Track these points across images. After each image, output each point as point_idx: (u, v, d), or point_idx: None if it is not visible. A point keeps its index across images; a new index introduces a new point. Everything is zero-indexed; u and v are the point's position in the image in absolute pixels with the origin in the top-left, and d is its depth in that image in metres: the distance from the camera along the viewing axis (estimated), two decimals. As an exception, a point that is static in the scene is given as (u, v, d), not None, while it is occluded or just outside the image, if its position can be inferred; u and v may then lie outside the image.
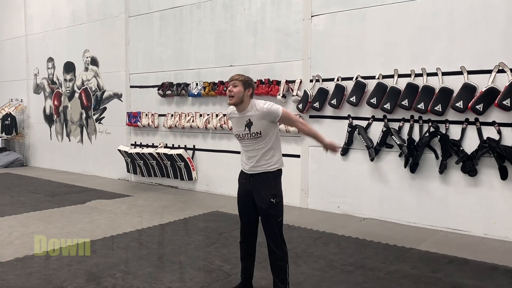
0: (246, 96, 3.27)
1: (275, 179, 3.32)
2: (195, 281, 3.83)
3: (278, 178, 3.34)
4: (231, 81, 3.29)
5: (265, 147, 3.28)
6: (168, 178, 8.39)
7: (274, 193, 3.26)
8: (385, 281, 3.85)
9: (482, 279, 3.91)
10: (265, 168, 3.29)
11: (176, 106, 8.31)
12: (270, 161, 3.29)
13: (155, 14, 8.56)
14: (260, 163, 3.29)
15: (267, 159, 3.29)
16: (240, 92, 3.24)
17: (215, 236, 5.17)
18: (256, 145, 3.29)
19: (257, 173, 3.30)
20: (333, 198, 6.41)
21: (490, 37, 5.10)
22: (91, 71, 10.00)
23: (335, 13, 6.26)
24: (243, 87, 3.25)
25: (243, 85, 3.26)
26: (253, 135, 3.27)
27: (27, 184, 8.81)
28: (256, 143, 3.28)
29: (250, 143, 3.31)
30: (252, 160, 3.31)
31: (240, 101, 3.26)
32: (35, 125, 11.77)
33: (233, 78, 3.30)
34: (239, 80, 3.26)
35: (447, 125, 5.37)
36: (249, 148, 3.33)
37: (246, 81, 3.29)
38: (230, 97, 3.28)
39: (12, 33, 12.14)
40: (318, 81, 6.44)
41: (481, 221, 5.22)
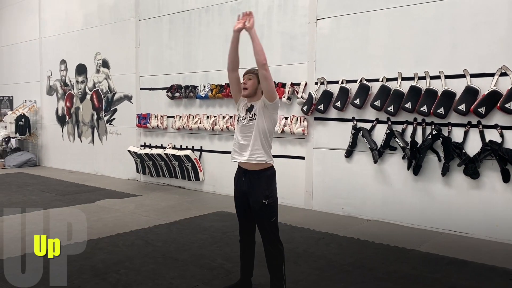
0: (259, 89, 3.41)
1: (269, 180, 3.40)
2: (196, 277, 3.94)
3: (272, 179, 3.42)
4: (246, 74, 3.44)
5: (256, 135, 3.35)
6: (176, 179, 8.53)
7: (267, 194, 3.34)
8: (383, 281, 3.91)
9: (480, 280, 3.95)
10: (259, 160, 3.36)
11: (184, 108, 8.45)
12: (260, 152, 3.36)
13: (164, 18, 8.72)
14: (254, 151, 3.36)
15: (256, 149, 3.36)
16: (254, 84, 3.40)
17: (218, 235, 5.27)
18: (250, 128, 3.37)
19: (252, 170, 3.39)
20: (337, 200, 6.47)
21: (493, 40, 5.13)
22: (102, 73, 10.20)
23: (340, 17, 6.33)
24: (257, 80, 3.39)
25: (257, 78, 3.39)
26: (250, 117, 3.39)
27: (39, 184, 9.03)
28: (250, 126, 3.37)
29: (246, 126, 3.40)
30: (244, 149, 3.39)
31: (253, 93, 3.41)
32: (47, 126, 12.04)
33: (248, 72, 3.45)
34: (254, 73, 3.41)
35: (449, 127, 5.40)
36: (243, 134, 3.41)
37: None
38: (244, 89, 3.42)
39: (27, 36, 12.44)
40: (323, 84, 6.51)
41: (483, 223, 5.23)
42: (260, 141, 3.37)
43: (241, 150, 3.43)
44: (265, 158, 3.38)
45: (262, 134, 3.38)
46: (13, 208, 6.65)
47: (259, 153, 3.37)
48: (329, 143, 6.54)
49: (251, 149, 3.37)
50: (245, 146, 3.40)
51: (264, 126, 3.38)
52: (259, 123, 3.37)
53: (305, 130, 6.65)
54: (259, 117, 3.37)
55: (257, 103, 3.41)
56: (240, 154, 3.44)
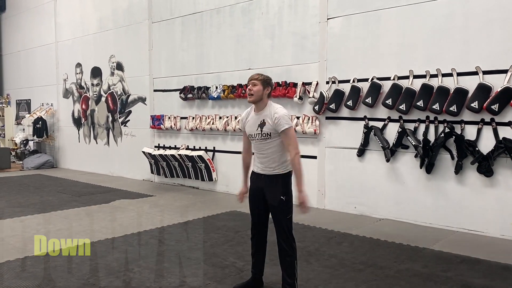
0: (264, 95, 3.44)
1: (285, 180, 3.44)
2: (208, 276, 3.99)
3: (288, 179, 3.46)
4: (251, 80, 3.47)
5: (274, 151, 3.40)
6: (190, 179, 8.62)
7: (284, 191, 3.40)
8: (394, 279, 3.90)
9: (493, 278, 3.91)
10: (277, 171, 3.42)
11: (197, 109, 8.53)
12: (281, 165, 3.42)
13: (176, 20, 8.82)
14: (272, 166, 3.42)
15: (277, 163, 3.41)
16: (260, 90, 3.42)
17: (231, 235, 5.32)
18: (267, 145, 3.41)
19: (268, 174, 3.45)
20: (349, 199, 6.47)
21: (505, 37, 5.07)
22: (116, 76, 10.35)
23: (351, 16, 6.33)
24: (262, 86, 3.42)
25: (262, 84, 3.42)
26: (263, 136, 3.41)
27: (56, 185, 9.20)
28: (266, 143, 3.41)
29: (261, 144, 3.44)
30: (264, 164, 3.45)
31: (259, 99, 3.44)
32: (64, 128, 12.25)
33: (252, 78, 3.47)
34: (259, 79, 3.44)
35: (462, 125, 5.36)
36: (260, 150, 3.46)
37: (265, 80, 3.46)
38: (250, 95, 3.45)
39: (43, 40, 12.70)
40: (334, 83, 6.51)
41: (497, 222, 5.18)
42: (278, 157, 3.41)
43: (259, 164, 3.49)
44: (283, 169, 3.43)
45: (279, 150, 3.41)
46: (31, 209, 6.80)
47: (277, 167, 3.42)
48: (341, 142, 6.54)
49: (269, 165, 3.43)
50: (262, 162, 3.46)
51: (279, 142, 3.40)
52: (274, 141, 3.40)
53: (317, 130, 6.66)
54: (274, 136, 3.39)
55: (267, 118, 3.38)
56: (258, 167, 3.51)
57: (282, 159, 3.42)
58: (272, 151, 3.41)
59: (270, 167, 3.43)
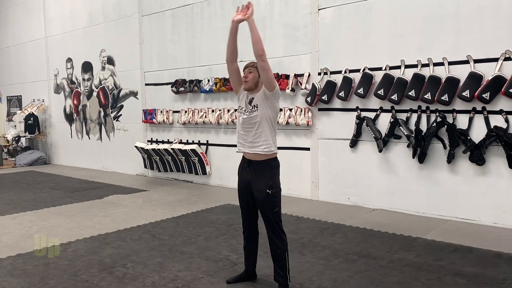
0: (260, 82, 3.44)
1: (273, 170, 3.43)
2: (202, 269, 3.98)
3: (275, 170, 3.45)
4: (247, 67, 3.47)
5: (260, 126, 3.39)
6: (183, 173, 8.59)
7: (270, 184, 3.38)
8: (387, 269, 3.92)
9: (485, 266, 3.93)
10: (261, 149, 3.39)
11: (189, 103, 8.48)
12: (265, 142, 3.39)
13: (167, 13, 8.74)
14: (257, 141, 3.40)
15: (261, 139, 3.39)
16: (255, 77, 3.43)
17: (224, 228, 5.31)
18: (253, 120, 3.40)
19: (256, 160, 3.41)
20: (343, 190, 6.47)
21: (496, 25, 5.06)
22: (107, 70, 10.26)
23: (342, 6, 6.29)
24: (257, 74, 3.42)
25: (258, 71, 3.42)
26: (251, 109, 3.42)
27: (48, 181, 9.15)
28: (252, 118, 3.40)
29: (247, 118, 3.43)
30: (248, 140, 3.43)
31: (254, 86, 3.45)
32: (56, 124, 12.16)
33: (248, 65, 3.48)
34: (254, 66, 3.45)
35: (454, 114, 5.36)
36: (245, 125, 3.45)
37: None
38: (245, 82, 3.46)
39: (33, 35, 12.54)
40: (326, 74, 6.49)
41: (490, 210, 5.21)
42: (264, 131, 3.40)
43: (245, 141, 3.47)
44: (270, 147, 3.41)
45: (265, 124, 3.40)
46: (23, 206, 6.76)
47: (264, 143, 3.40)
48: (333, 133, 6.53)
49: (256, 140, 3.41)
50: (249, 137, 3.44)
51: (266, 115, 3.40)
52: (261, 113, 3.39)
53: (309, 121, 6.65)
54: (261, 108, 3.40)
55: (257, 95, 3.43)
56: (245, 145, 3.48)
57: (269, 135, 3.40)
58: (256, 131, 3.39)
59: (259, 145, 3.39)
